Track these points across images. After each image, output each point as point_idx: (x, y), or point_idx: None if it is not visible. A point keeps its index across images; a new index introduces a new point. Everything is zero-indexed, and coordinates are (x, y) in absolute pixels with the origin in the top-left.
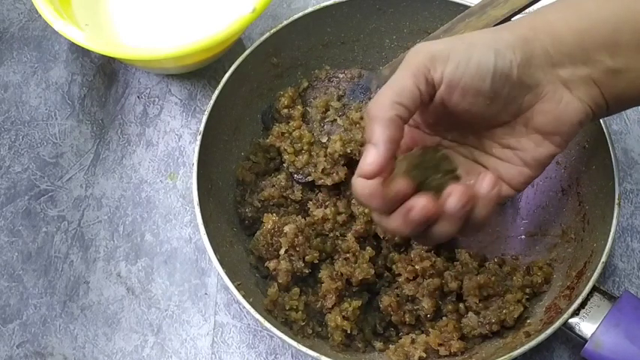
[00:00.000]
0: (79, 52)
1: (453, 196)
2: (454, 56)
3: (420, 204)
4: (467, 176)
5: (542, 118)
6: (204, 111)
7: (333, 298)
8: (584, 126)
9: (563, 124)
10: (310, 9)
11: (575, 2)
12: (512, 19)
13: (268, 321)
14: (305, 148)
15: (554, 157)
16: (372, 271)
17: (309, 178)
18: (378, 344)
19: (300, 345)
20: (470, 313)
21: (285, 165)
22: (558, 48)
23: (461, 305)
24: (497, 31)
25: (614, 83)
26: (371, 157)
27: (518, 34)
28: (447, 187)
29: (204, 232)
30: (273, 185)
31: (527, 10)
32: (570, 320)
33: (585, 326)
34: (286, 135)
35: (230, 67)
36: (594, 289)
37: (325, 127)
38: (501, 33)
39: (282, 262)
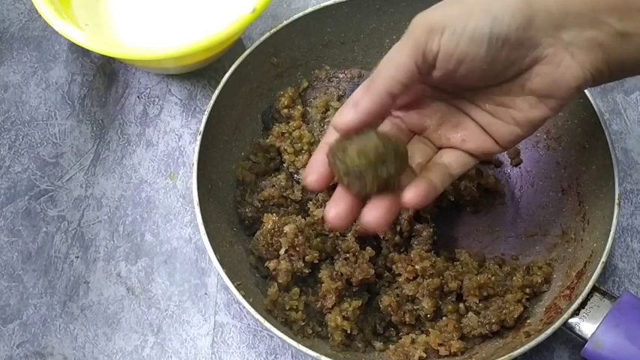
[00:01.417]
0: (79, 52)
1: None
2: (450, 25)
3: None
4: (454, 129)
5: (539, 80)
6: (204, 111)
7: (333, 298)
8: (581, 91)
9: (559, 88)
10: (310, 9)
11: None
12: None
13: (268, 321)
14: (305, 148)
15: (555, 159)
16: (372, 271)
17: None
18: (378, 344)
19: (300, 345)
20: (470, 313)
21: (285, 165)
22: (565, 9)
23: (461, 305)
24: None
25: (620, 47)
26: (347, 117)
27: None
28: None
29: (204, 232)
30: (273, 185)
31: None
32: (570, 320)
33: (585, 326)
34: (286, 135)
35: (230, 67)
36: (594, 289)
37: (325, 127)
38: None
39: (282, 262)
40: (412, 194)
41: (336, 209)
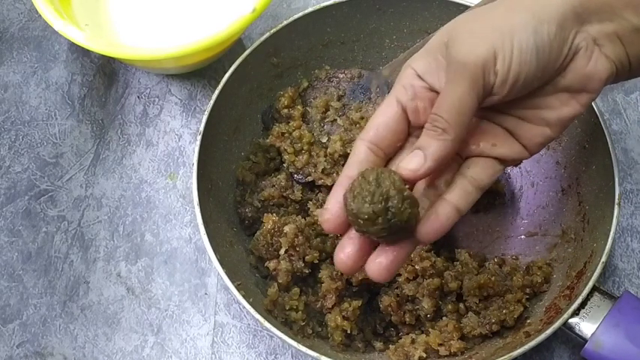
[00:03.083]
0: (79, 52)
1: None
2: (498, 50)
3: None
4: (483, 135)
5: (572, 76)
6: (204, 111)
7: (333, 298)
8: (607, 84)
9: (592, 81)
10: (310, 9)
11: None
12: None
13: (268, 321)
14: (305, 148)
15: (555, 159)
16: None
17: (309, 178)
18: (378, 344)
19: (300, 345)
20: (470, 313)
21: (285, 165)
22: (585, 5)
23: (461, 305)
24: (532, 4)
25: (638, 42)
26: (416, 164)
27: (551, 4)
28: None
29: (204, 232)
30: (273, 185)
31: None
32: (570, 320)
33: (585, 326)
34: (286, 135)
35: (230, 67)
36: (594, 289)
37: (325, 127)
38: (536, 6)
39: (282, 262)
40: (425, 230)
41: (345, 252)
